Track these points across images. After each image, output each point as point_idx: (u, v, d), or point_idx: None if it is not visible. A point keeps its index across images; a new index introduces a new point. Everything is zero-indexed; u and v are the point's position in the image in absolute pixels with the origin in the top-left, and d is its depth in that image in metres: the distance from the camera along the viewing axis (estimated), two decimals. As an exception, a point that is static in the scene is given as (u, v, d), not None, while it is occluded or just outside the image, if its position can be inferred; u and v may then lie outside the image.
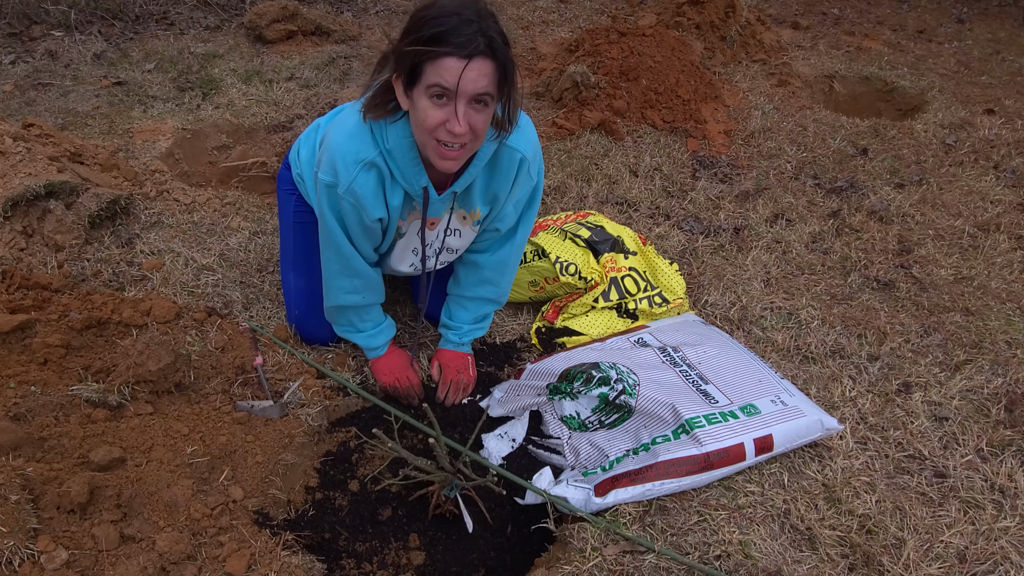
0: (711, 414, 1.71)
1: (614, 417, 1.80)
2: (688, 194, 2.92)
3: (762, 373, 1.89)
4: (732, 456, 1.66)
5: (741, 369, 1.89)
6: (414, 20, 1.41)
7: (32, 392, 1.67)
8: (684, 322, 2.16)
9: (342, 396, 1.97)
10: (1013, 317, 2.32)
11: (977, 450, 1.82)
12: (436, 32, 1.36)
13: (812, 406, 1.80)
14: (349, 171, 1.59)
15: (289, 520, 1.67)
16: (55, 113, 3.23)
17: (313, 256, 1.97)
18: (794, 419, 1.73)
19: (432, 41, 1.37)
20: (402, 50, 1.43)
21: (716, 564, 1.52)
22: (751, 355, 1.98)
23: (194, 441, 1.71)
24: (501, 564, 1.70)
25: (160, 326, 2.01)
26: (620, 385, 1.80)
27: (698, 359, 1.92)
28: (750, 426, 1.71)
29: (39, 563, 1.34)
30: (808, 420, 1.74)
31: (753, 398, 1.78)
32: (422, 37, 1.38)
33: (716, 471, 1.66)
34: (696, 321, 2.18)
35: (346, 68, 3.82)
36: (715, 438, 1.66)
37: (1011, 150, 3.32)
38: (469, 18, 1.37)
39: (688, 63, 3.58)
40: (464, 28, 1.36)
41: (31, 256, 2.21)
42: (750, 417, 1.72)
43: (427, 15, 1.38)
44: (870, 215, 2.84)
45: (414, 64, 1.41)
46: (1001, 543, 1.58)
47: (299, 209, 2.04)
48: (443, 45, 1.36)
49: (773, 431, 1.70)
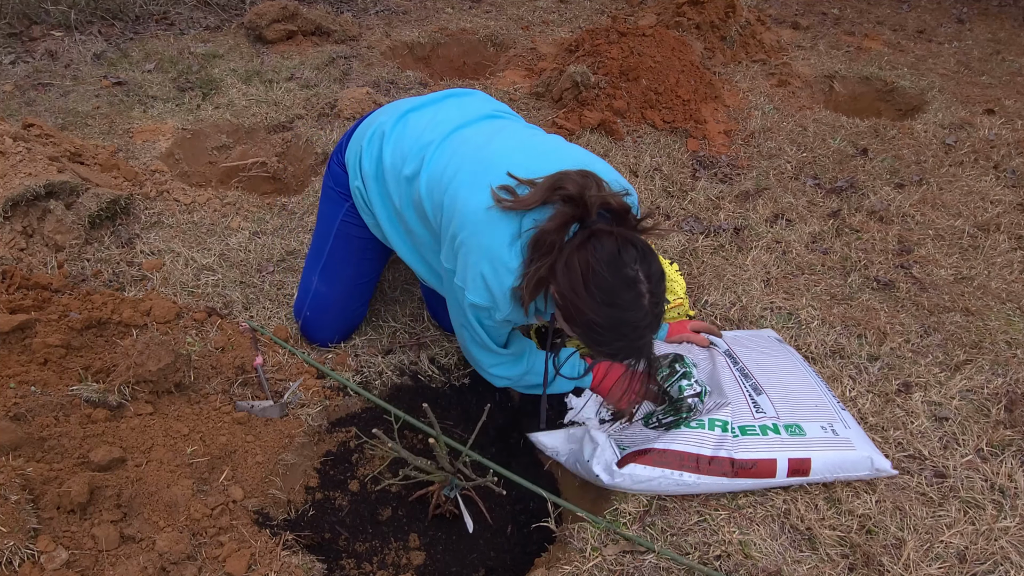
0: (749, 426, 1.67)
1: (671, 419, 1.75)
2: (688, 194, 2.92)
3: (822, 399, 1.80)
4: (760, 470, 1.62)
5: (800, 389, 1.81)
6: (593, 323, 1.37)
7: (32, 392, 1.67)
8: (758, 336, 2.09)
9: (342, 396, 1.97)
10: (1013, 317, 2.31)
11: (977, 450, 1.82)
12: (598, 351, 1.44)
13: (867, 443, 1.71)
14: (505, 301, 1.52)
15: (289, 520, 1.67)
16: (55, 113, 3.23)
17: (344, 268, 1.93)
18: (840, 450, 1.66)
19: (590, 348, 1.46)
20: (568, 311, 1.40)
21: (716, 564, 1.52)
22: (818, 380, 1.89)
23: (194, 441, 1.71)
24: (501, 564, 1.70)
25: (160, 326, 2.01)
26: (698, 387, 1.77)
27: (757, 368, 1.86)
28: (789, 445, 1.65)
29: (39, 563, 1.34)
30: (856, 456, 1.66)
31: (802, 420, 1.71)
32: (585, 341, 1.43)
33: (740, 480, 1.62)
34: (772, 337, 2.09)
35: (346, 68, 3.82)
36: (746, 448, 1.62)
37: (1011, 150, 3.32)
38: (634, 349, 1.43)
39: (688, 63, 3.58)
40: (623, 357, 1.46)
41: (31, 256, 2.21)
42: (792, 436, 1.66)
43: (602, 337, 1.39)
44: (870, 215, 2.84)
45: (574, 331, 1.45)
46: (1001, 543, 1.58)
47: (347, 220, 1.92)
48: (600, 356, 1.51)
49: (813, 456, 1.64)
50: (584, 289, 1.34)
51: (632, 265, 1.33)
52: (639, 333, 1.38)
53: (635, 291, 1.34)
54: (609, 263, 1.33)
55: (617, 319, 1.35)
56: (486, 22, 4.54)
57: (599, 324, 1.36)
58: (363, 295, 2.09)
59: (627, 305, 1.34)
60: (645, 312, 1.35)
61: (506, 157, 1.54)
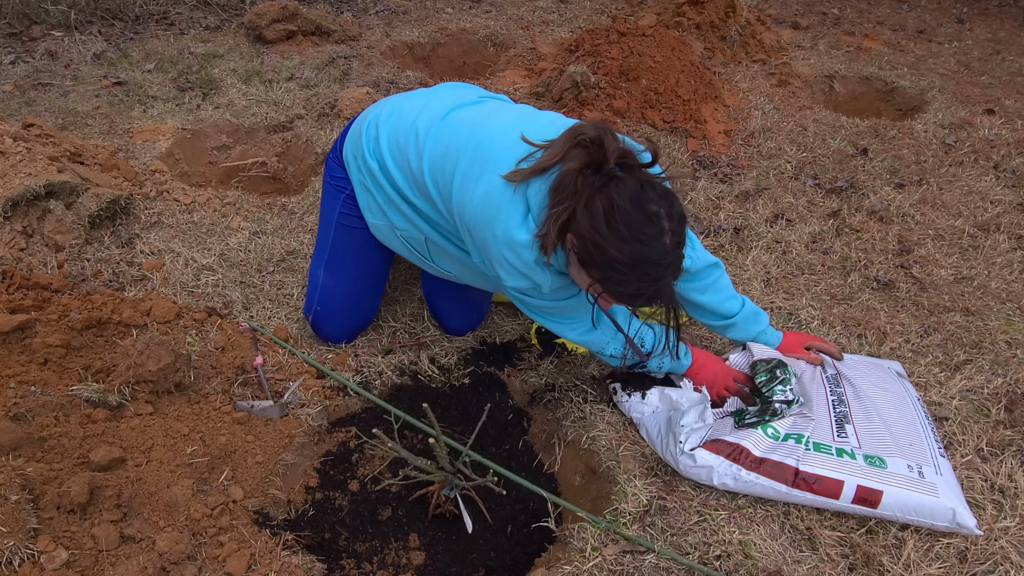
0: (825, 445, 1.63)
1: (755, 420, 1.73)
2: (688, 194, 2.92)
3: (920, 440, 1.69)
4: (824, 488, 1.57)
5: (898, 426, 1.72)
6: (613, 260, 1.37)
7: (32, 392, 1.67)
8: (877, 365, 1.97)
9: (342, 396, 1.97)
10: (1013, 317, 2.31)
11: (977, 450, 1.82)
12: (616, 293, 1.44)
13: (954, 494, 1.58)
14: (539, 272, 1.53)
15: (289, 520, 1.67)
16: (55, 113, 3.23)
17: (348, 259, 1.93)
18: (920, 492, 1.55)
19: (608, 292, 1.45)
20: (589, 252, 1.40)
21: (716, 564, 1.52)
22: (925, 422, 1.76)
23: (194, 441, 1.71)
24: (501, 564, 1.70)
25: (160, 326, 2.01)
26: (791, 395, 1.75)
27: (856, 398, 1.78)
28: (863, 473, 1.58)
29: (39, 563, 1.34)
30: (937, 503, 1.55)
31: (887, 454, 1.63)
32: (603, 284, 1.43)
33: (797, 492, 1.58)
34: (892, 370, 1.96)
35: (346, 68, 3.82)
36: (814, 462, 1.59)
37: (1011, 150, 3.32)
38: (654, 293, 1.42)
39: (688, 63, 3.58)
40: (642, 300, 1.44)
41: (31, 256, 2.21)
42: (869, 466, 1.59)
43: (623, 275, 1.38)
44: (870, 215, 2.84)
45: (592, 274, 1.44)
46: (1001, 543, 1.57)
47: (345, 210, 1.92)
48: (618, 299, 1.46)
49: (886, 490, 1.55)
50: (606, 226, 1.35)
51: (655, 202, 1.36)
52: (660, 272, 1.38)
53: (658, 227, 1.35)
54: (632, 199, 1.35)
55: (639, 255, 1.35)
56: (486, 22, 4.54)
57: (620, 262, 1.36)
58: (371, 292, 2.08)
59: (649, 240, 1.35)
60: (667, 250, 1.37)
61: (510, 132, 1.54)
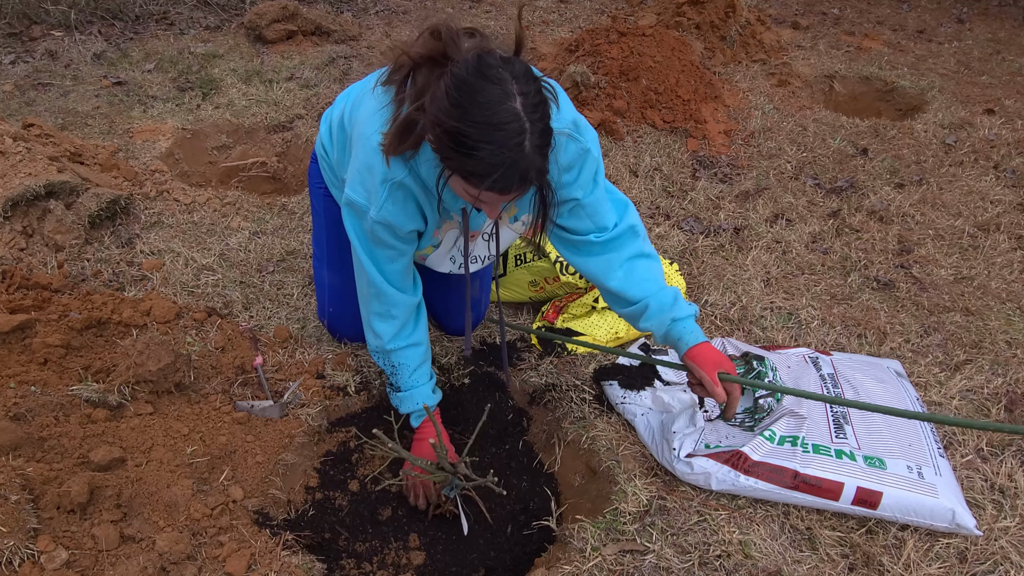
0: (824, 446, 1.64)
1: (749, 420, 1.75)
2: (688, 194, 2.92)
3: (919, 441, 1.69)
4: (824, 490, 1.58)
5: (898, 427, 1.72)
6: (463, 134, 1.25)
7: (32, 392, 1.67)
8: (876, 364, 1.97)
9: (342, 396, 1.97)
10: (1013, 317, 2.31)
11: (977, 450, 1.82)
12: (479, 171, 1.28)
13: (954, 495, 1.58)
14: (379, 192, 1.47)
15: (289, 520, 1.67)
16: (55, 113, 3.23)
17: (348, 253, 1.92)
18: (919, 493, 1.56)
19: (473, 176, 1.30)
20: (441, 139, 1.28)
21: (716, 564, 1.53)
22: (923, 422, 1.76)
23: (194, 441, 1.71)
24: (501, 564, 1.70)
25: (160, 326, 2.01)
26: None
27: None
28: (863, 474, 1.58)
29: (39, 563, 1.34)
30: (937, 504, 1.55)
31: (888, 455, 1.63)
32: (464, 168, 1.29)
33: (798, 494, 1.59)
34: (891, 369, 1.96)
35: (346, 68, 3.82)
36: (814, 464, 1.59)
37: (1011, 150, 3.32)
38: (515, 161, 1.27)
39: (688, 63, 3.58)
40: (508, 174, 1.28)
41: (31, 256, 2.21)
42: (869, 467, 1.60)
43: (475, 147, 1.25)
44: (870, 215, 2.84)
45: (451, 165, 1.32)
46: (1001, 543, 1.57)
47: (330, 207, 1.91)
48: (483, 181, 1.29)
49: (885, 491, 1.56)
50: (448, 102, 1.25)
51: (497, 68, 1.26)
52: (513, 139, 1.25)
53: (501, 89, 1.24)
54: (472, 69, 1.26)
55: (484, 119, 1.24)
56: (486, 22, 4.54)
57: (466, 134, 1.24)
58: None
59: (493, 102, 1.24)
60: (515, 114, 1.24)
61: None
